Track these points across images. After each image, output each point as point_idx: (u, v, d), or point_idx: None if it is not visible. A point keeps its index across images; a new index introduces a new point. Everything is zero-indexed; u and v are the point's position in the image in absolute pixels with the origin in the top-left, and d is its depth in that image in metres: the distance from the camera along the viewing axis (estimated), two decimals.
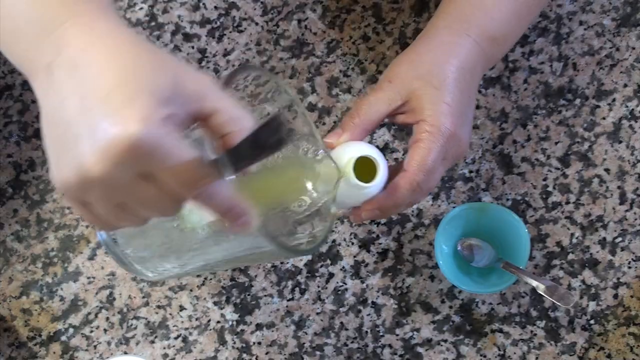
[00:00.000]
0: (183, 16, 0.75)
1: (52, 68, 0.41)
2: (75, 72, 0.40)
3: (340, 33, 0.75)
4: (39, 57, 0.42)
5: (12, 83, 0.75)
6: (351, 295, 0.70)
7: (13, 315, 0.70)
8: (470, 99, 0.57)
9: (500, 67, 0.73)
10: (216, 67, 0.74)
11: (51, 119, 0.41)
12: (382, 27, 0.75)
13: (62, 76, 0.40)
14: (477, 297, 0.69)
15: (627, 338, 0.69)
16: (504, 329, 0.69)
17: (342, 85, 0.74)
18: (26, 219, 0.72)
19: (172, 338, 0.69)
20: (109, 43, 0.41)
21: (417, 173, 0.54)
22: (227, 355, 0.69)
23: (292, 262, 0.70)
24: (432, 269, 0.70)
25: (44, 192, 0.72)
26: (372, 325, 0.69)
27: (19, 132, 0.74)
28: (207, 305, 0.70)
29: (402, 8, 0.75)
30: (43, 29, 0.42)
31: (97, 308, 0.70)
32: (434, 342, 0.69)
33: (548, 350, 0.69)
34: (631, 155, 0.71)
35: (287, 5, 0.75)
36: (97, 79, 0.39)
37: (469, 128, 0.57)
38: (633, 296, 0.69)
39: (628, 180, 0.71)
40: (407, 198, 0.54)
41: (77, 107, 0.39)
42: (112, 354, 0.69)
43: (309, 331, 0.69)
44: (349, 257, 0.71)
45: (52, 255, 0.71)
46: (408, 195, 0.54)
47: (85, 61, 0.40)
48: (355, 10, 0.75)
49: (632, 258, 0.70)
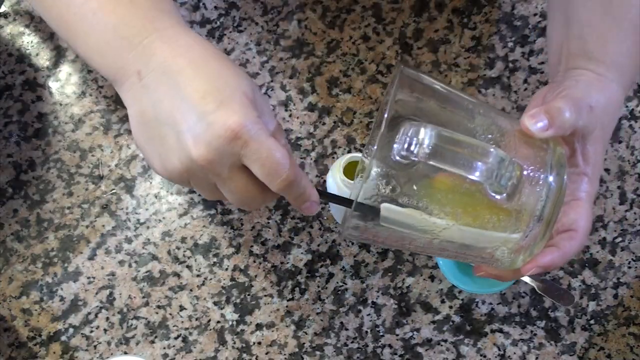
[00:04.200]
0: (183, 16, 0.75)
1: (142, 74, 0.47)
2: (166, 78, 0.46)
3: (340, 33, 0.75)
4: (128, 66, 0.47)
5: (12, 83, 0.75)
6: (351, 295, 0.70)
7: (13, 315, 0.70)
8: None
9: (500, 67, 0.73)
10: None
11: (143, 119, 0.47)
12: (382, 27, 0.75)
13: (154, 81, 0.46)
14: (477, 297, 0.69)
15: (627, 338, 0.69)
16: (504, 329, 0.69)
17: (342, 85, 0.74)
18: (26, 219, 0.72)
19: (172, 338, 0.69)
20: (194, 53, 0.47)
21: (587, 234, 0.51)
22: (227, 355, 0.69)
23: (292, 262, 0.71)
24: (432, 269, 0.70)
25: (44, 192, 0.72)
26: (372, 325, 0.69)
27: (19, 132, 0.74)
28: (207, 305, 0.70)
29: (402, 8, 0.75)
30: (130, 42, 0.47)
31: (97, 308, 0.70)
32: (434, 342, 0.69)
33: (548, 350, 0.69)
34: (631, 155, 0.71)
35: (287, 5, 0.75)
36: (191, 83, 0.45)
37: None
38: (633, 296, 0.69)
39: (628, 180, 0.71)
40: (569, 259, 0.51)
41: (174, 108, 0.45)
42: (112, 354, 0.69)
43: (309, 331, 0.69)
44: (349, 257, 0.71)
45: (52, 255, 0.71)
46: (573, 256, 0.51)
47: (175, 68, 0.46)
48: (355, 10, 0.75)
49: (632, 258, 0.70)
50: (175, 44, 0.47)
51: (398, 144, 0.45)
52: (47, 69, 0.76)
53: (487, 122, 0.49)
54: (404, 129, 0.45)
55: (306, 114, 0.73)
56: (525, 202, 0.47)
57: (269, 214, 0.71)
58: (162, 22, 0.48)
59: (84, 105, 0.75)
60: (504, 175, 0.45)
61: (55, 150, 0.73)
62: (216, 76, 0.46)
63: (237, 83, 0.46)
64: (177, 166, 0.46)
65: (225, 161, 0.45)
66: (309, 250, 0.71)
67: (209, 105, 0.44)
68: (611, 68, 0.53)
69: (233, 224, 0.71)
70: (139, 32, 0.48)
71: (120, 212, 0.72)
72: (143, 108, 0.47)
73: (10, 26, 0.77)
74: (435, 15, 0.75)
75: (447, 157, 0.45)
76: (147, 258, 0.71)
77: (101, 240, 0.71)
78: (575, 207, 0.51)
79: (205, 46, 0.48)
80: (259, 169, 0.46)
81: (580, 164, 0.51)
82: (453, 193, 0.47)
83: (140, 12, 0.48)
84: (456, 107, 0.50)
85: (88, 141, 0.74)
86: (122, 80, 0.49)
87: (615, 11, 0.54)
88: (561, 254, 0.49)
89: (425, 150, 0.45)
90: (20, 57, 0.76)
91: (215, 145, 0.44)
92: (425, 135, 0.45)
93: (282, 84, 0.74)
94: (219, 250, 0.71)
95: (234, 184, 0.47)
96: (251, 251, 0.71)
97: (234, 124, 0.44)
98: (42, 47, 0.76)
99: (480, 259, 0.50)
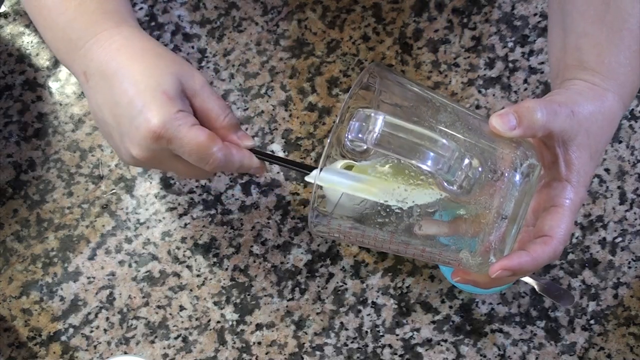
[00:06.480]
0: (183, 16, 0.75)
1: (87, 75, 0.53)
2: (103, 82, 0.52)
3: (340, 33, 0.75)
4: (77, 66, 0.54)
5: (12, 83, 0.75)
6: (351, 295, 0.70)
7: (13, 315, 0.70)
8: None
9: (500, 67, 0.73)
10: (216, 67, 0.74)
11: (96, 117, 0.54)
12: (382, 27, 0.75)
13: (96, 85, 0.52)
14: (477, 297, 0.69)
15: (627, 338, 0.69)
16: (504, 329, 0.69)
17: (342, 85, 0.74)
18: (26, 219, 0.72)
19: (172, 338, 0.69)
20: (123, 56, 0.52)
21: (564, 243, 0.49)
22: (227, 355, 0.69)
23: (292, 262, 0.71)
24: (432, 269, 0.70)
25: (44, 192, 0.72)
26: (372, 325, 0.69)
27: (19, 132, 0.74)
28: (207, 305, 0.70)
29: (402, 8, 0.75)
30: (76, 44, 0.53)
31: (97, 308, 0.70)
32: (434, 342, 0.69)
33: (548, 350, 0.69)
34: (631, 155, 0.71)
35: (287, 5, 0.75)
36: (120, 87, 0.51)
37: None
38: (633, 296, 0.69)
39: (628, 180, 0.71)
40: (541, 265, 0.49)
41: (113, 112, 0.52)
42: (112, 354, 0.69)
43: (309, 331, 0.69)
44: (349, 257, 0.71)
45: (52, 255, 0.71)
46: (545, 263, 0.49)
47: (108, 72, 0.51)
48: (355, 10, 0.75)
49: (632, 258, 0.70)
50: (109, 47, 0.52)
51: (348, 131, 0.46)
52: (47, 69, 0.76)
53: (452, 119, 0.48)
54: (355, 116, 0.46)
55: (306, 114, 0.73)
56: (488, 200, 0.47)
57: (269, 214, 0.71)
58: (102, 24, 0.53)
59: (84, 105, 0.75)
60: (455, 168, 0.45)
61: (55, 150, 0.73)
62: (139, 79, 0.51)
63: (157, 82, 0.51)
64: (128, 159, 0.54)
65: (160, 155, 0.52)
66: (309, 250, 0.71)
67: (134, 110, 0.50)
68: (607, 78, 0.52)
69: (233, 224, 0.71)
70: (82, 36, 0.53)
71: (120, 212, 0.72)
72: (94, 109, 0.54)
73: (10, 26, 0.77)
74: (435, 15, 0.75)
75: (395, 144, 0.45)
76: (147, 258, 0.71)
77: (101, 240, 0.71)
78: (554, 213, 0.49)
79: (134, 44, 0.53)
80: (188, 158, 0.52)
81: (562, 171, 0.49)
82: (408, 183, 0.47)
83: (85, 16, 0.53)
84: (421, 102, 0.50)
85: (88, 141, 0.74)
86: (75, 76, 0.55)
87: (612, 21, 0.53)
88: (531, 259, 0.47)
89: (374, 137, 0.45)
90: (20, 57, 0.76)
91: (145, 145, 0.51)
92: (374, 122, 0.45)
93: (282, 84, 0.74)
94: (219, 250, 0.71)
95: (177, 168, 0.55)
96: (251, 251, 0.71)
97: (154, 126, 0.50)
98: (42, 47, 0.76)
99: (447, 258, 0.50)
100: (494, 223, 0.47)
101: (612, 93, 0.52)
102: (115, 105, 0.51)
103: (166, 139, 0.50)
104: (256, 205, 0.71)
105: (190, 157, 0.52)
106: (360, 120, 0.46)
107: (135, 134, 0.51)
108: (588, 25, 0.54)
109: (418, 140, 0.45)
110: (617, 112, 0.52)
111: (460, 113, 0.50)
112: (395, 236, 0.49)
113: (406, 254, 0.51)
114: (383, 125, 0.45)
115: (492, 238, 0.47)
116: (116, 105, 0.51)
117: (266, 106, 0.74)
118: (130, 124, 0.51)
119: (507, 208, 0.46)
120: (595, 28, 0.53)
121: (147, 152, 0.52)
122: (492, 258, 0.48)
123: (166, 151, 0.52)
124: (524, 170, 0.47)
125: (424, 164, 0.45)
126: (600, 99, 0.51)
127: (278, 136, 0.73)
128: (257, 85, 0.74)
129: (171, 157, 0.53)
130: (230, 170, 0.55)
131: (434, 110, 0.49)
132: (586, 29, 0.54)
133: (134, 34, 0.54)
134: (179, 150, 0.51)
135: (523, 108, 0.47)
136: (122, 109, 0.51)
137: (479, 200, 0.47)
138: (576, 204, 0.49)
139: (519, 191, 0.47)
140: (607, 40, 0.53)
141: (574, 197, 0.49)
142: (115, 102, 0.51)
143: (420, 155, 0.45)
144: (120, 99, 0.51)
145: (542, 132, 0.48)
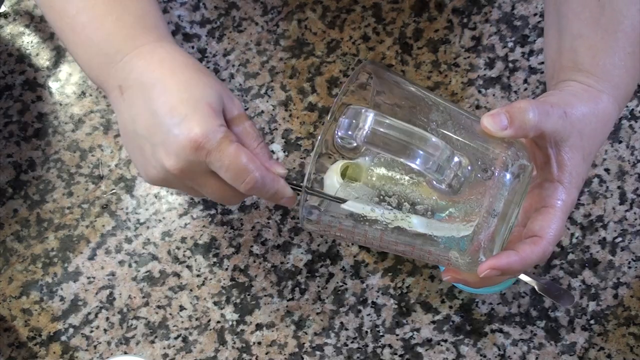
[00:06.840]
0: (183, 16, 0.75)
1: (123, 89, 0.51)
2: (141, 93, 0.50)
3: (340, 33, 0.75)
4: (111, 80, 0.52)
5: (12, 83, 0.75)
6: (351, 295, 0.70)
7: (13, 315, 0.70)
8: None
9: (500, 67, 0.74)
10: (216, 67, 0.74)
11: (126, 131, 0.52)
12: (382, 27, 0.75)
13: (132, 96, 0.51)
14: (477, 297, 0.69)
15: (627, 338, 0.69)
16: (504, 329, 0.69)
17: (342, 85, 0.74)
18: (26, 219, 0.72)
19: (172, 338, 0.69)
20: (165, 68, 0.51)
21: (553, 243, 0.48)
22: (227, 355, 0.69)
23: (292, 262, 0.71)
24: (432, 269, 0.70)
25: (44, 192, 0.72)
26: (372, 325, 0.69)
27: (19, 132, 0.74)
28: (207, 305, 0.70)
29: (402, 8, 0.75)
30: (112, 59, 0.52)
31: (97, 308, 0.70)
32: (434, 342, 0.69)
33: (548, 350, 0.69)
34: (631, 155, 0.71)
35: (287, 5, 0.75)
36: (160, 97, 0.49)
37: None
38: (633, 296, 0.69)
39: (628, 180, 0.71)
40: (530, 266, 0.48)
41: (148, 122, 0.50)
42: (112, 354, 0.69)
43: (309, 331, 0.69)
44: (349, 257, 0.71)
45: (52, 255, 0.71)
46: (534, 263, 0.48)
47: (148, 83, 0.50)
48: (355, 10, 0.75)
49: (632, 258, 0.70)
50: (150, 60, 0.51)
51: (338, 128, 0.46)
52: (47, 69, 0.76)
53: (443, 118, 0.49)
54: (345, 113, 0.46)
55: (306, 114, 0.73)
56: (478, 198, 0.47)
57: (269, 214, 0.71)
58: (142, 39, 0.52)
59: (84, 105, 0.75)
60: (444, 166, 0.45)
61: (55, 150, 0.73)
62: (183, 89, 0.49)
63: (201, 94, 0.49)
64: (156, 175, 0.51)
65: (195, 169, 0.50)
66: (309, 250, 0.71)
67: (175, 119, 0.48)
68: (602, 79, 0.52)
69: (233, 224, 0.71)
70: (120, 50, 0.52)
71: (120, 212, 0.72)
72: (125, 122, 0.52)
73: (10, 26, 0.77)
74: (435, 15, 0.75)
75: (385, 142, 0.45)
76: (147, 258, 0.71)
77: (101, 240, 0.71)
78: (545, 213, 0.49)
79: (176, 58, 0.52)
80: (224, 175, 0.50)
81: (554, 172, 0.49)
82: (397, 182, 0.47)
83: (124, 30, 0.53)
84: (413, 101, 0.50)
85: (88, 141, 0.74)
86: (107, 92, 0.54)
87: (607, 23, 0.53)
88: (519, 259, 0.47)
89: (363, 134, 0.45)
90: (20, 57, 0.76)
91: (182, 156, 0.49)
92: (364, 119, 0.45)
93: (282, 84, 0.74)
94: (219, 250, 0.71)
95: (208, 187, 0.52)
96: (251, 251, 0.71)
97: (196, 136, 0.48)
98: (42, 47, 0.76)
99: (438, 257, 0.50)
100: (483, 222, 0.47)
101: (606, 95, 0.52)
102: (152, 115, 0.49)
103: (206, 150, 0.48)
104: (256, 205, 0.71)
105: (227, 173, 0.49)
106: (350, 117, 0.46)
107: (173, 142, 0.48)
108: (583, 27, 0.54)
109: (408, 139, 0.45)
110: (611, 114, 0.52)
111: (453, 112, 0.50)
112: (386, 233, 0.49)
113: (396, 252, 0.51)
114: (373, 122, 0.45)
115: (481, 237, 0.47)
116: (153, 114, 0.49)
117: (266, 106, 0.74)
118: (169, 132, 0.48)
119: (497, 207, 0.46)
120: (590, 30, 0.53)
121: (183, 164, 0.49)
122: (482, 257, 0.48)
123: (202, 165, 0.49)
124: (514, 171, 0.47)
125: (413, 162, 0.45)
126: (595, 101, 0.51)
127: (278, 136, 0.73)
128: (257, 85, 0.74)
129: (206, 173, 0.51)
130: (263, 195, 0.52)
131: (426, 109, 0.49)
132: (581, 31, 0.54)
133: (175, 49, 0.53)
134: (216, 164, 0.49)
135: (515, 108, 0.47)
136: (160, 118, 0.49)
137: (469, 199, 0.47)
138: (567, 205, 0.49)
139: (508, 191, 0.47)
140: (602, 42, 0.53)
141: (566, 198, 0.49)
142: (153, 112, 0.49)
143: (410, 153, 0.45)
144: (159, 108, 0.49)
145: (533, 132, 0.48)
